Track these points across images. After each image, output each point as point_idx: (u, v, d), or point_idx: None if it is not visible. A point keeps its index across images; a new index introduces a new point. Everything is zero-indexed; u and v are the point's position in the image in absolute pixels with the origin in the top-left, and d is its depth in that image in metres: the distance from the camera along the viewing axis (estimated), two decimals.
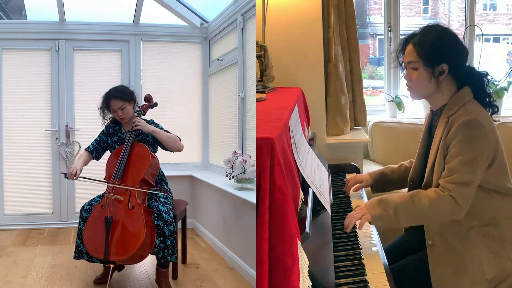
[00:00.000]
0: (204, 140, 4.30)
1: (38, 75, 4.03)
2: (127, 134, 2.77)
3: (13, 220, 3.96)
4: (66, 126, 4.03)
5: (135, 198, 2.52)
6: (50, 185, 4.04)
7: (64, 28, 4.03)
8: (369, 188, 2.45)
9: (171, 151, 2.81)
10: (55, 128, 4.03)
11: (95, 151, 2.80)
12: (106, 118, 2.83)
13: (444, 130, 1.91)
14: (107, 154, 2.83)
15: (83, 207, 2.62)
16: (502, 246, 1.92)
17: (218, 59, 3.98)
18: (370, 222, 1.91)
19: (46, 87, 4.03)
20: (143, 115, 2.84)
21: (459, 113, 1.89)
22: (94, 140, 2.82)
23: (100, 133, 2.84)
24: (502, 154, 1.93)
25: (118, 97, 2.73)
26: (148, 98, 2.90)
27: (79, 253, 2.60)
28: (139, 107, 2.87)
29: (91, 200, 2.65)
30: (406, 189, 2.25)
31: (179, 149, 2.81)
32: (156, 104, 2.91)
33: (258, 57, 2.82)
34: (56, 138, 4.03)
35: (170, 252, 2.49)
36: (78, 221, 2.62)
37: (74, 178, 2.62)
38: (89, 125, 4.05)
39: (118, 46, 4.14)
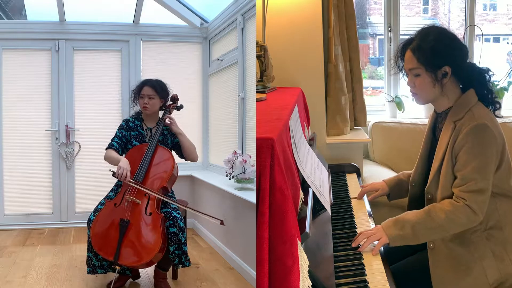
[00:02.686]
0: (204, 140, 4.30)
1: (38, 75, 4.03)
2: (148, 132, 2.71)
3: (13, 220, 3.96)
4: (66, 126, 4.03)
5: (153, 204, 2.46)
6: (50, 185, 4.04)
7: (64, 28, 4.03)
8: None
9: (185, 159, 2.77)
10: (55, 128, 4.03)
11: (120, 149, 2.65)
12: (135, 102, 2.73)
13: (451, 136, 1.89)
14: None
15: (89, 219, 2.53)
16: (505, 250, 1.91)
17: (218, 59, 3.98)
18: (388, 244, 1.88)
19: (46, 87, 4.03)
20: (169, 114, 2.74)
21: (466, 118, 1.87)
22: (116, 137, 2.67)
23: (120, 128, 2.71)
24: (508, 157, 1.92)
25: (153, 86, 2.69)
26: (175, 99, 2.81)
27: (93, 268, 2.53)
28: (165, 106, 2.79)
29: (95, 210, 2.56)
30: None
31: (194, 159, 2.76)
32: (182, 106, 2.83)
33: (258, 57, 2.82)
34: (56, 138, 4.03)
35: (187, 258, 2.50)
36: (87, 235, 2.51)
37: (125, 180, 2.47)
38: (89, 125, 4.06)
39: (118, 46, 4.14)
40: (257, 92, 2.75)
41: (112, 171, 2.50)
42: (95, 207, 2.59)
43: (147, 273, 2.86)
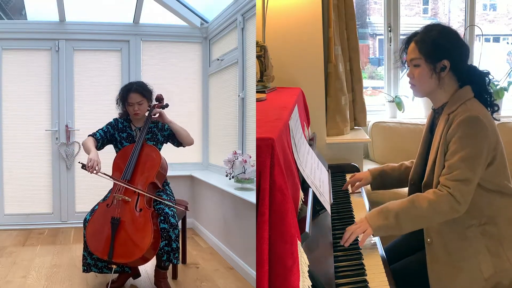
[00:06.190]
0: (204, 140, 4.29)
1: (38, 75, 4.03)
2: (137, 132, 2.73)
3: (13, 220, 3.96)
4: (66, 126, 4.03)
5: (143, 200, 2.49)
6: (50, 185, 4.04)
7: (64, 28, 4.03)
8: (369, 185, 2.45)
9: (183, 145, 2.79)
10: (55, 128, 4.03)
11: (100, 141, 2.69)
12: (123, 109, 2.74)
13: (444, 127, 1.91)
14: (110, 148, 2.78)
15: (85, 219, 2.54)
16: (501, 245, 1.92)
17: (218, 59, 3.98)
18: (372, 235, 1.88)
19: (46, 87, 4.03)
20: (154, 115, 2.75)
21: (459, 110, 1.90)
22: (101, 129, 2.72)
23: (107, 124, 2.75)
24: (502, 153, 1.93)
25: (139, 92, 2.68)
26: (160, 99, 2.82)
27: (88, 266, 2.54)
28: (150, 106, 2.80)
29: (92, 210, 2.57)
30: (405, 189, 2.25)
31: (191, 142, 2.79)
32: (167, 105, 2.84)
33: (258, 57, 2.82)
34: (56, 138, 4.03)
35: (176, 255, 2.50)
36: (82, 234, 2.52)
37: (94, 172, 2.47)
38: (89, 125, 4.03)
39: (118, 46, 4.14)
40: (257, 92, 2.75)
41: (81, 163, 2.50)
42: (92, 207, 2.61)
43: (147, 273, 2.86)
